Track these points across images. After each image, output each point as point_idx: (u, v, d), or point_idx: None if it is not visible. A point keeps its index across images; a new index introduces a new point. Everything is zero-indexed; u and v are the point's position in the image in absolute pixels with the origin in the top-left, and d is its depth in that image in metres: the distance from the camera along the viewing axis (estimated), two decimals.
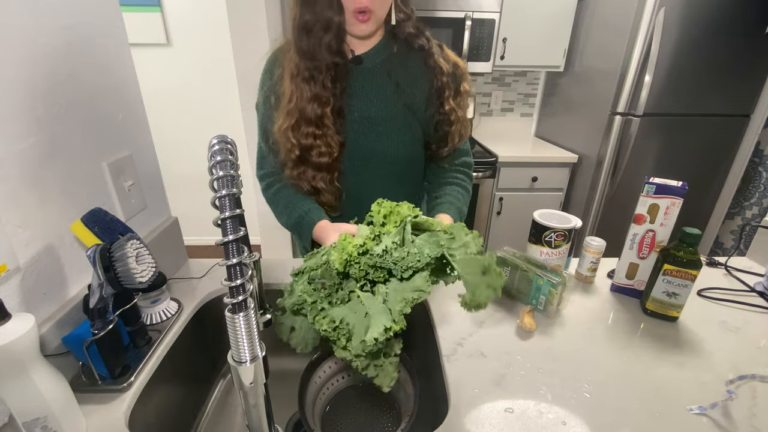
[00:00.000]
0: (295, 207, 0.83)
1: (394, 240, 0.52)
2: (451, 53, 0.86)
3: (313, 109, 0.76)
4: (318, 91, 0.76)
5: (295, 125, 0.77)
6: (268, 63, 0.85)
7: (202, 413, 0.76)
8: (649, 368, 0.63)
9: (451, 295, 0.81)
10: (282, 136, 0.78)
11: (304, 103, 0.76)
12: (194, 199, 2.28)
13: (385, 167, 0.87)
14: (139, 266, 0.53)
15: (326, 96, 0.76)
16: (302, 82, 0.75)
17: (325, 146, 0.78)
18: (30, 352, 0.44)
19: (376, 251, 0.51)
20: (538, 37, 2.15)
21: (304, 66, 0.75)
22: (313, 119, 0.77)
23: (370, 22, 0.72)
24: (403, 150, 0.87)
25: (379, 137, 0.83)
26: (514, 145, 2.40)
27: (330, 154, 0.79)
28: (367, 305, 0.50)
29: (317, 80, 0.75)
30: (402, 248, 0.51)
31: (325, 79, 0.76)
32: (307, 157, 0.80)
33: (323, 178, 0.82)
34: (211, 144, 0.40)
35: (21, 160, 0.54)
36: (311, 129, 0.77)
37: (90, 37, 0.67)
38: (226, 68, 2.29)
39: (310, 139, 0.78)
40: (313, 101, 0.76)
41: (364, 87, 0.81)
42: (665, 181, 0.73)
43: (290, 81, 0.76)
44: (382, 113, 0.82)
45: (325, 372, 0.74)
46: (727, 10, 1.69)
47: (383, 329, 0.46)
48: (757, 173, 2.09)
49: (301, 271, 0.56)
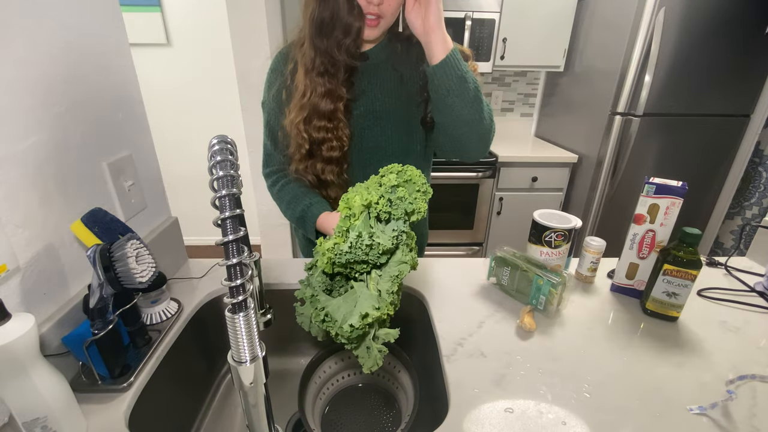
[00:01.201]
0: (299, 201, 0.85)
1: (359, 233, 0.53)
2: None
3: (326, 104, 0.77)
4: (332, 87, 0.77)
5: (308, 119, 0.78)
6: (275, 61, 0.85)
7: (202, 413, 0.76)
8: (649, 368, 0.63)
9: (451, 295, 0.81)
10: (294, 129, 0.79)
11: (317, 99, 0.77)
12: (194, 199, 2.29)
13: (389, 159, 0.88)
14: (139, 266, 0.53)
15: (339, 92, 0.78)
16: (317, 76, 0.76)
17: (336, 140, 0.80)
18: (30, 352, 0.44)
19: (343, 249, 0.52)
20: (538, 37, 2.15)
21: (320, 62, 0.76)
22: (326, 113, 0.78)
23: (377, 27, 0.73)
24: (406, 140, 0.88)
25: (384, 130, 0.85)
26: (514, 145, 2.40)
27: (341, 148, 0.80)
28: (359, 293, 0.53)
29: (332, 76, 0.77)
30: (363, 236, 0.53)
31: (340, 75, 0.77)
32: (317, 150, 0.81)
33: (332, 171, 0.83)
34: (211, 144, 0.40)
35: (21, 160, 0.54)
36: (323, 123, 0.78)
37: (90, 37, 0.67)
38: (226, 68, 2.29)
39: (322, 133, 0.79)
40: (326, 96, 0.77)
41: (370, 82, 0.82)
42: (665, 181, 0.73)
43: (305, 76, 0.77)
44: (386, 106, 0.83)
45: (325, 372, 0.74)
46: (727, 10, 1.69)
47: (359, 316, 0.49)
48: (757, 173, 2.09)
49: (314, 264, 0.58)
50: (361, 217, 0.55)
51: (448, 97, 0.72)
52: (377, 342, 0.53)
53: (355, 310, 0.51)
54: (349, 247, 0.52)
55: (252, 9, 1.66)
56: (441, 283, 0.85)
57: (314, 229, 0.82)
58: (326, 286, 0.57)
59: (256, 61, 1.73)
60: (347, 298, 0.53)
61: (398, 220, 0.56)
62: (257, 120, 0.91)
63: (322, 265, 0.54)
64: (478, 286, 0.85)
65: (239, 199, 0.40)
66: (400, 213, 0.55)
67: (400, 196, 0.56)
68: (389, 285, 0.52)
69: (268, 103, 0.86)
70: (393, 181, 0.57)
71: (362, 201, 0.55)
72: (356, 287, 0.54)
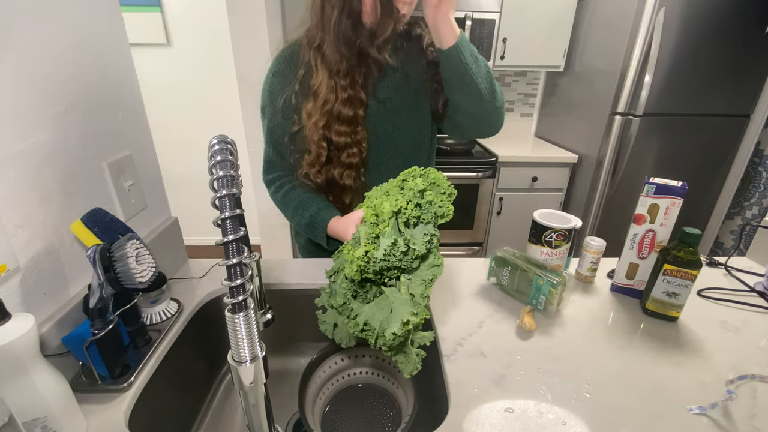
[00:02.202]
0: (306, 207, 0.84)
1: (394, 240, 0.52)
2: None
3: (347, 110, 0.78)
4: (354, 93, 0.78)
5: (328, 125, 0.79)
6: (277, 64, 0.83)
7: (202, 413, 0.76)
8: (649, 368, 0.63)
9: (451, 295, 0.81)
10: (315, 134, 0.79)
11: (340, 106, 0.78)
12: (194, 199, 2.29)
13: (400, 155, 0.89)
14: (139, 266, 0.53)
15: (361, 96, 0.79)
16: (342, 79, 0.77)
17: (355, 145, 0.81)
18: (30, 352, 0.44)
19: (377, 257, 0.51)
20: (538, 37, 2.15)
21: (347, 66, 0.76)
22: (347, 119, 0.78)
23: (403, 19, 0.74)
24: (416, 135, 0.89)
25: (396, 127, 0.85)
26: (514, 145, 2.40)
27: (360, 154, 0.81)
28: (392, 299, 0.52)
29: (354, 80, 0.78)
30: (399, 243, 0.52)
31: (360, 79, 0.78)
32: (337, 156, 0.81)
33: (350, 175, 0.83)
34: (211, 144, 0.40)
35: (21, 160, 0.54)
36: (344, 128, 0.79)
37: (90, 37, 0.67)
38: (226, 68, 2.29)
39: (343, 138, 0.79)
40: (348, 102, 0.78)
41: (380, 81, 0.83)
42: (665, 181, 0.73)
43: (329, 79, 0.77)
44: (395, 103, 0.84)
45: (325, 372, 0.74)
46: (727, 10, 1.69)
47: (401, 323, 0.49)
48: (757, 173, 2.09)
49: (336, 271, 0.57)
50: (390, 223, 0.54)
51: (466, 74, 0.75)
52: (414, 346, 0.53)
53: (392, 316, 0.50)
54: (384, 255, 0.51)
55: (252, 9, 1.66)
56: (441, 283, 0.85)
57: (325, 235, 0.82)
58: (352, 292, 0.56)
59: (256, 61, 1.73)
60: (380, 304, 0.52)
61: (428, 224, 0.55)
62: (257, 120, 0.90)
63: (351, 273, 0.52)
64: (478, 286, 0.85)
65: (239, 199, 0.40)
66: (429, 217, 0.55)
67: (429, 200, 0.55)
68: (422, 289, 0.51)
69: (270, 109, 0.84)
70: (420, 186, 0.56)
71: (392, 207, 0.54)
72: (387, 293, 0.53)
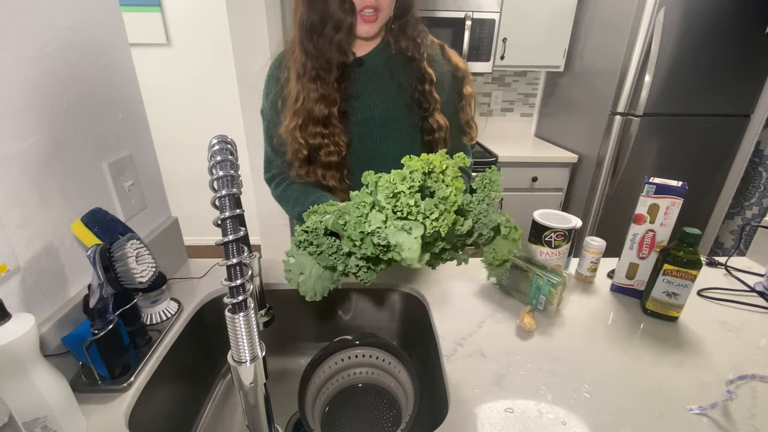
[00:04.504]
0: (307, 197, 0.84)
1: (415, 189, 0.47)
2: (454, 54, 0.86)
3: (320, 109, 0.76)
4: (325, 92, 0.76)
5: (303, 125, 0.78)
6: (272, 68, 0.85)
7: (202, 413, 0.76)
8: (649, 368, 0.63)
9: (451, 295, 0.81)
10: (289, 136, 0.79)
11: (311, 104, 0.76)
12: (194, 199, 2.28)
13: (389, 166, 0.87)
14: (139, 266, 0.53)
15: (333, 96, 0.77)
16: (309, 81, 0.76)
17: (333, 145, 0.79)
18: (30, 352, 0.44)
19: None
20: (538, 37, 2.15)
21: (311, 66, 0.75)
22: (320, 119, 0.77)
23: (375, 23, 0.73)
24: (406, 148, 0.87)
25: (384, 139, 0.84)
26: (514, 145, 2.40)
27: (338, 153, 0.80)
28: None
29: (324, 80, 0.76)
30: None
31: (332, 79, 0.76)
32: (315, 156, 0.81)
33: (333, 176, 0.82)
34: (211, 144, 0.40)
35: (21, 160, 0.54)
36: (318, 129, 0.78)
37: (90, 37, 0.67)
38: (226, 68, 2.29)
39: (318, 139, 0.78)
40: (320, 101, 0.76)
41: (366, 89, 0.81)
42: (665, 181, 0.73)
43: (296, 81, 0.76)
44: (385, 114, 0.82)
45: (325, 372, 0.74)
46: (727, 10, 1.69)
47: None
48: (757, 173, 2.09)
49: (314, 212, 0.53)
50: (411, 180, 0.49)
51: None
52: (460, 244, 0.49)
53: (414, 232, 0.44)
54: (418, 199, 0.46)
55: (252, 9, 1.66)
56: (441, 283, 0.85)
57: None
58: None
59: (256, 61, 1.71)
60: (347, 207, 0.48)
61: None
62: (257, 120, 0.91)
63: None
64: (478, 286, 0.85)
65: (239, 199, 0.40)
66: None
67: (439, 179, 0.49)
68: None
69: (267, 110, 0.86)
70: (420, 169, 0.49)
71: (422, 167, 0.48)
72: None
